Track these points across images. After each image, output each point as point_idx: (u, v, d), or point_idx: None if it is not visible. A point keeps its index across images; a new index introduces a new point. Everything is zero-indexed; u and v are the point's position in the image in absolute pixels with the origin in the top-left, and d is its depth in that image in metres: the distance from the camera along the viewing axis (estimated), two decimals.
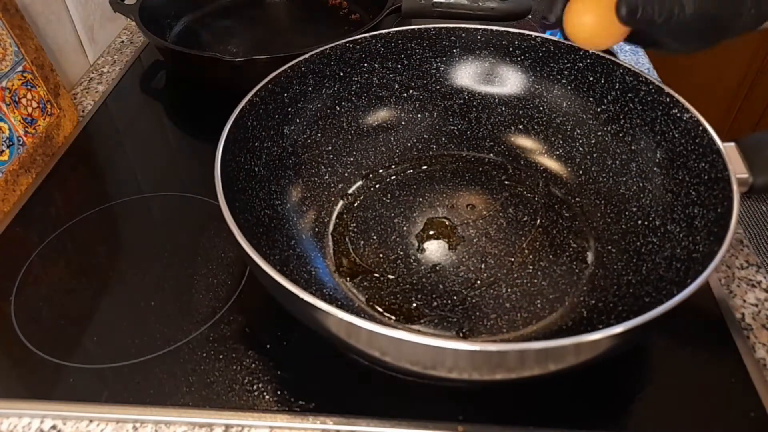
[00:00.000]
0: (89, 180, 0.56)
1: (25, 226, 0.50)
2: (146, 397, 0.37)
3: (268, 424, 0.36)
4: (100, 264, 0.47)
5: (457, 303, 0.41)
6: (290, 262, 0.42)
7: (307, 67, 0.48)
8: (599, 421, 0.36)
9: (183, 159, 0.58)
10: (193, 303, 0.43)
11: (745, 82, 1.34)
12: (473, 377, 0.31)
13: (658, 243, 0.40)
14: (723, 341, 0.39)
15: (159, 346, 0.40)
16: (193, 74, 0.66)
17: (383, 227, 0.47)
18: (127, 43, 0.76)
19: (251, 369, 0.39)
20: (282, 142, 0.47)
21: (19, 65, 0.54)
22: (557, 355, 0.29)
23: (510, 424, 0.35)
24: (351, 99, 0.51)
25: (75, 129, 0.60)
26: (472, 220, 0.47)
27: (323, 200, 0.49)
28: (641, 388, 0.37)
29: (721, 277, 0.44)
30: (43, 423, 0.37)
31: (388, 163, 0.52)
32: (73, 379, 0.39)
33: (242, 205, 0.39)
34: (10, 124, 0.52)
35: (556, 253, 0.44)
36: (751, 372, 0.37)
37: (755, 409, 0.36)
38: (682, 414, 0.36)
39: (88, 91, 0.67)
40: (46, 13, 0.63)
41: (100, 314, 0.43)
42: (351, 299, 0.42)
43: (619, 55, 0.70)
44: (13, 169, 0.52)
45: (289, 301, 0.31)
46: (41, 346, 0.41)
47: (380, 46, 0.50)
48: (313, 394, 0.37)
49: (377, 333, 0.29)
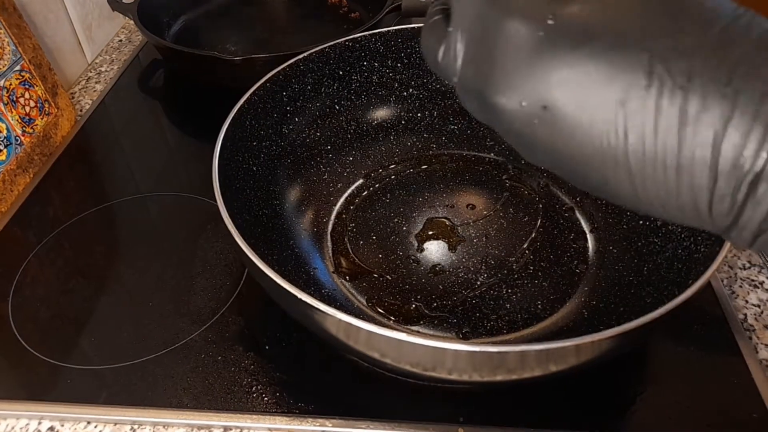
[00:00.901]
0: (87, 180, 0.56)
1: (23, 227, 0.50)
2: (144, 398, 0.37)
3: (266, 426, 0.36)
4: (98, 264, 0.46)
5: (457, 304, 0.41)
6: (289, 262, 0.42)
7: (306, 65, 0.47)
8: (600, 422, 0.35)
9: (181, 158, 0.58)
10: (191, 304, 0.43)
11: None
12: (473, 379, 0.31)
13: (660, 243, 0.39)
14: (725, 342, 0.39)
15: (157, 347, 0.40)
16: (191, 73, 0.66)
17: (383, 227, 0.47)
18: (125, 41, 0.76)
19: (250, 370, 0.38)
20: (280, 142, 0.47)
21: (17, 64, 0.54)
22: (558, 357, 0.29)
23: (510, 425, 0.35)
24: (350, 98, 0.51)
25: (73, 128, 0.60)
26: (472, 220, 0.47)
27: (322, 200, 0.48)
28: (643, 389, 0.37)
29: (723, 278, 0.44)
30: (40, 424, 0.37)
31: (387, 163, 0.52)
32: (71, 380, 0.38)
33: (240, 205, 0.39)
34: (8, 123, 0.52)
35: (557, 253, 0.44)
36: (754, 373, 0.37)
37: (758, 410, 0.36)
38: (684, 415, 0.35)
39: (86, 90, 0.67)
40: (44, 12, 0.63)
41: (98, 315, 0.42)
42: (350, 300, 0.42)
43: None
44: (11, 168, 0.52)
45: (288, 302, 0.31)
46: (39, 347, 0.40)
47: (380, 44, 0.50)
48: (312, 395, 0.37)
49: (377, 334, 0.28)
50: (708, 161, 0.17)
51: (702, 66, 0.17)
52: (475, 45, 0.21)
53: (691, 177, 0.18)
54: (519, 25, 0.20)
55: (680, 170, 0.18)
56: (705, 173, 0.17)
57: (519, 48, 0.20)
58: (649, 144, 0.18)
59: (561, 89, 0.19)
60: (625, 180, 0.19)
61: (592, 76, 0.18)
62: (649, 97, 0.18)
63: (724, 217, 0.18)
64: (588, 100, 0.19)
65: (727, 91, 0.17)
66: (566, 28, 0.19)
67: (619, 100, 0.18)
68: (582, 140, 0.19)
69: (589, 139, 0.19)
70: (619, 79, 0.18)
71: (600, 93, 0.18)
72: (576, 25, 0.19)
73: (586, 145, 0.19)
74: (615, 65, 0.18)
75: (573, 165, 0.20)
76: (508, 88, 0.20)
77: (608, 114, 0.18)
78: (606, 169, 0.19)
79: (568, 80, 0.19)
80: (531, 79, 0.19)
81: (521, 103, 0.20)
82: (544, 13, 0.19)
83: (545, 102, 0.19)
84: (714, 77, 0.17)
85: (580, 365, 0.30)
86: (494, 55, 0.20)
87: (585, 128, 0.19)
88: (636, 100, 0.18)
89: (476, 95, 0.22)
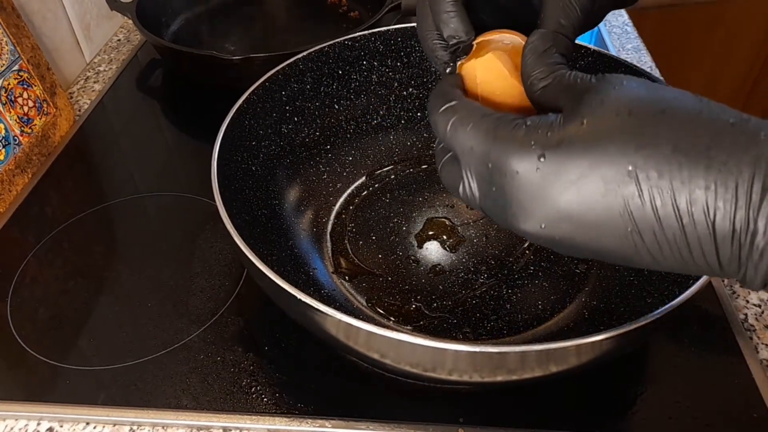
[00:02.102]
0: (86, 180, 0.56)
1: (21, 227, 0.50)
2: (143, 399, 0.37)
3: (266, 427, 0.36)
4: (97, 265, 0.46)
5: (457, 304, 0.41)
6: (288, 262, 0.41)
7: (305, 65, 0.47)
8: (600, 422, 0.35)
9: (180, 158, 0.58)
10: (190, 304, 0.43)
11: (749, 80, 1.34)
12: (474, 379, 0.30)
13: None
14: (726, 342, 0.39)
15: (156, 347, 0.40)
16: (190, 72, 0.65)
17: (382, 227, 0.47)
18: (123, 41, 0.76)
19: (249, 371, 0.38)
20: (280, 141, 0.47)
21: (15, 64, 0.54)
22: (559, 357, 0.29)
23: (510, 425, 0.35)
24: (350, 97, 0.51)
25: (71, 128, 0.60)
26: (472, 220, 0.47)
27: (321, 200, 0.48)
28: (643, 389, 0.37)
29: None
30: (39, 425, 0.37)
31: (387, 163, 0.52)
32: (70, 380, 0.38)
33: (239, 205, 0.39)
34: (6, 123, 0.52)
35: (558, 253, 0.44)
36: (755, 372, 0.37)
37: (758, 410, 0.35)
38: (684, 415, 0.35)
39: (85, 90, 0.67)
40: (43, 12, 0.63)
41: (96, 315, 0.42)
42: (349, 300, 0.41)
43: (621, 54, 0.69)
44: (9, 168, 0.52)
45: (287, 302, 0.31)
46: (37, 348, 0.40)
47: (379, 44, 0.50)
48: (312, 396, 0.37)
49: (376, 334, 0.28)
50: (709, 232, 0.20)
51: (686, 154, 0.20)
52: (486, 185, 0.24)
53: (700, 248, 0.20)
54: (518, 166, 0.22)
55: (688, 243, 0.20)
56: (709, 243, 0.20)
57: (525, 184, 0.22)
58: (658, 232, 0.20)
59: (571, 206, 0.22)
60: (646, 258, 0.21)
61: (591, 190, 0.21)
62: (644, 193, 0.20)
63: (736, 274, 0.20)
64: (595, 209, 0.21)
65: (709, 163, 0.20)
66: (559, 162, 0.22)
67: (621, 206, 0.21)
68: (600, 239, 0.22)
69: (607, 238, 0.22)
70: (611, 189, 0.21)
71: (603, 202, 0.21)
72: (565, 156, 0.22)
73: (605, 241, 0.22)
74: (606, 179, 0.21)
75: (599, 256, 0.23)
76: (526, 217, 0.23)
77: (614, 216, 0.21)
78: (627, 255, 0.22)
79: (576, 200, 0.21)
80: (543, 206, 0.22)
81: (541, 226, 0.23)
82: (535, 153, 0.22)
83: (561, 219, 0.22)
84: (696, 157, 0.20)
85: (580, 365, 0.30)
86: (506, 192, 0.23)
87: (602, 230, 0.21)
88: (632, 198, 0.20)
89: (501, 222, 0.25)
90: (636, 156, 0.20)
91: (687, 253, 0.20)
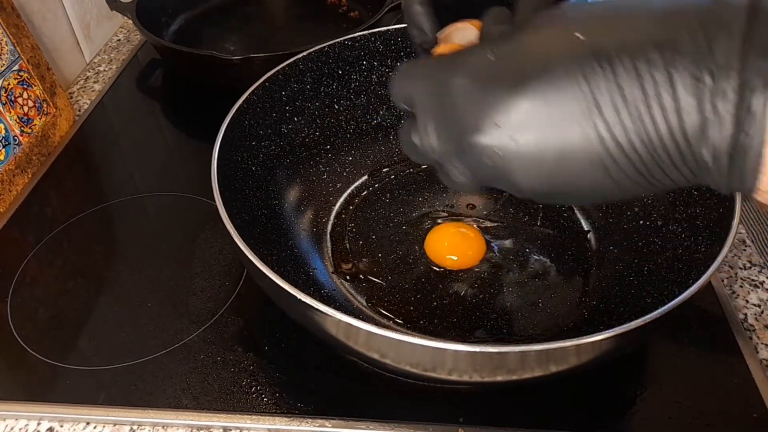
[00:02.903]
0: (86, 180, 0.56)
1: (21, 227, 0.50)
2: (143, 399, 0.37)
3: (266, 427, 0.36)
4: (97, 265, 0.46)
5: (456, 304, 0.41)
6: (288, 262, 0.41)
7: (305, 65, 0.47)
8: (600, 422, 0.35)
9: (180, 158, 0.58)
10: (190, 304, 0.43)
11: None
12: (474, 379, 0.30)
13: (660, 243, 0.39)
14: (726, 342, 0.39)
15: (156, 347, 0.40)
16: (190, 72, 0.65)
17: (382, 227, 0.47)
18: (123, 41, 0.76)
19: (249, 371, 0.38)
20: (280, 141, 0.47)
21: (15, 64, 0.54)
22: (558, 357, 0.29)
23: (510, 425, 0.35)
24: (350, 97, 0.51)
25: (71, 128, 0.60)
26: (472, 219, 0.47)
27: (321, 200, 0.48)
28: (643, 389, 0.37)
29: (723, 278, 0.44)
30: (39, 425, 0.37)
31: (387, 162, 0.52)
32: (70, 380, 0.38)
33: (239, 205, 0.39)
34: (6, 123, 0.52)
35: (558, 253, 0.44)
36: (754, 373, 0.37)
37: (758, 410, 0.35)
38: (684, 415, 0.35)
39: (85, 90, 0.67)
40: (43, 12, 0.63)
41: (96, 315, 0.42)
42: (349, 300, 0.41)
43: None
44: (9, 168, 0.52)
45: (287, 302, 0.31)
46: (38, 348, 0.40)
47: (379, 43, 0.50)
48: (312, 396, 0.37)
49: (376, 335, 0.28)
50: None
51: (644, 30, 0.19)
52: (440, 110, 0.23)
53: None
54: (469, 64, 0.22)
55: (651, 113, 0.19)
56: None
57: (474, 92, 0.22)
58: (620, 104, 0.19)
59: (528, 103, 0.20)
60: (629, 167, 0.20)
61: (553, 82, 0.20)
62: (608, 76, 0.19)
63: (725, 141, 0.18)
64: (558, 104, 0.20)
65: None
66: (510, 49, 0.21)
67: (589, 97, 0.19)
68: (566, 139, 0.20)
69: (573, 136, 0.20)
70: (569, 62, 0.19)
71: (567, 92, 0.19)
72: (516, 43, 0.21)
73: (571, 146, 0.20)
74: (562, 53, 0.20)
75: (565, 177, 0.21)
76: (479, 122, 0.21)
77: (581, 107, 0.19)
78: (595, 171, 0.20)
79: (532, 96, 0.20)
80: (496, 106, 0.21)
81: (496, 125, 0.21)
82: (483, 59, 0.22)
83: (517, 119, 0.20)
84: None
85: (580, 365, 0.30)
86: (458, 107, 0.22)
87: (564, 129, 0.20)
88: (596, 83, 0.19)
89: (455, 152, 0.23)
90: (583, 24, 0.20)
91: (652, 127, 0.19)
